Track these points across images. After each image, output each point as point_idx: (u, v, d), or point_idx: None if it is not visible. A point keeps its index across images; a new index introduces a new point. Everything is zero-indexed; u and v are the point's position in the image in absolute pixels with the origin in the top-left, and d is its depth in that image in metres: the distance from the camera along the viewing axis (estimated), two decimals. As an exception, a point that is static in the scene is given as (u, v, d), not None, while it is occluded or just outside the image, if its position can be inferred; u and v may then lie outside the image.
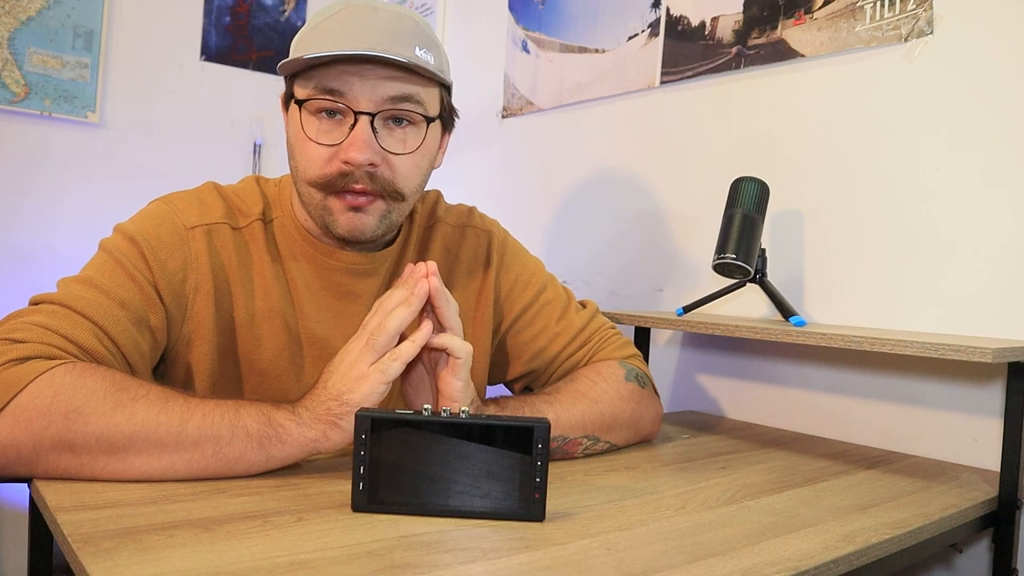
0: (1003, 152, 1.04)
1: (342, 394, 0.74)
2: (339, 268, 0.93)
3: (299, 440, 0.74)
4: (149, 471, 0.70)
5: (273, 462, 0.74)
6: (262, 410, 0.74)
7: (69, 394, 0.68)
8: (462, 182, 1.94)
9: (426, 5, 2.13)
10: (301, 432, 0.74)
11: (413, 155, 0.87)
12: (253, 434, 0.73)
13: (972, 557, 1.06)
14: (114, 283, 0.80)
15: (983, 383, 1.06)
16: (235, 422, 0.72)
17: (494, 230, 1.07)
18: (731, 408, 1.38)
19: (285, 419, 0.74)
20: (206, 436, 0.71)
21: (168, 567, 0.53)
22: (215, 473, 0.72)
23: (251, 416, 0.73)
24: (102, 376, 0.71)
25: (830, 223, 1.23)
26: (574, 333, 1.04)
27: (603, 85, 1.63)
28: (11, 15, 1.76)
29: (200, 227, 0.87)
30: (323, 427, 0.74)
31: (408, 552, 0.59)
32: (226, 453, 0.72)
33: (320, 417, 0.74)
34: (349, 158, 0.82)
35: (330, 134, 0.84)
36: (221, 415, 0.72)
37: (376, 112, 0.83)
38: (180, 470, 0.71)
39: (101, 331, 0.77)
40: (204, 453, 0.71)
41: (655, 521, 0.71)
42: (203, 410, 0.72)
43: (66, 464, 0.68)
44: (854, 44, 1.19)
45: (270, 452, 0.73)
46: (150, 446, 0.69)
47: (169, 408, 0.71)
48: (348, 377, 0.75)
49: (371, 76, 0.82)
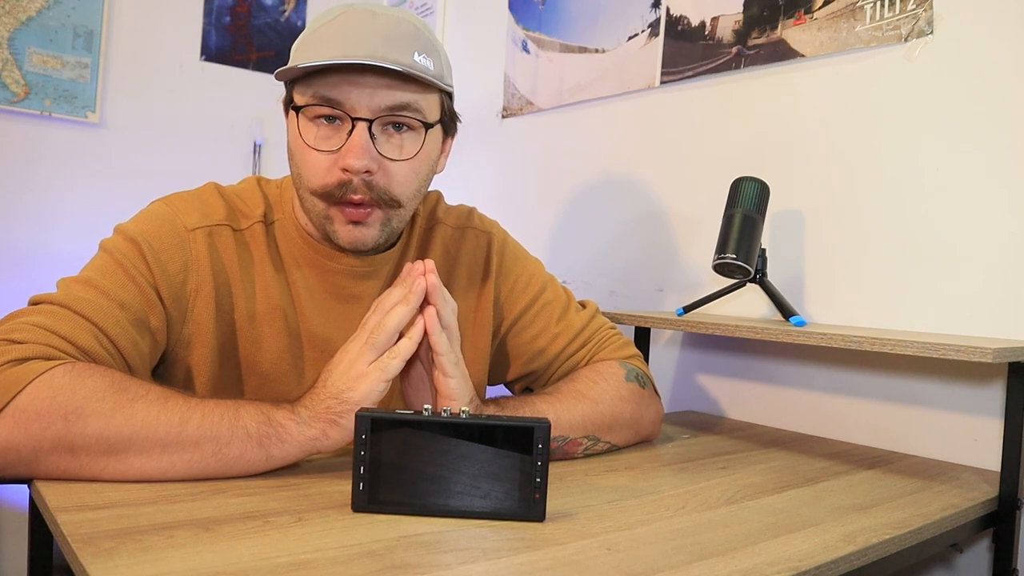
0: (1003, 152, 1.04)
1: (342, 392, 0.74)
2: (340, 271, 0.93)
3: (299, 439, 0.74)
4: (149, 471, 0.70)
5: (273, 461, 0.74)
6: (262, 409, 0.74)
7: (68, 395, 0.68)
8: (462, 182, 1.94)
9: (426, 5, 2.13)
10: (301, 431, 0.74)
11: (411, 161, 0.86)
12: (253, 433, 0.72)
13: (972, 557, 1.06)
14: (114, 284, 0.80)
15: (983, 383, 1.06)
16: (235, 422, 0.72)
17: (494, 231, 1.07)
18: (731, 408, 1.38)
19: (285, 418, 0.74)
20: (206, 436, 0.71)
21: (168, 567, 0.53)
22: (215, 473, 0.72)
23: (251, 415, 0.73)
24: (101, 376, 0.71)
25: (830, 223, 1.23)
26: (574, 333, 1.04)
27: (603, 85, 1.63)
28: (11, 15, 1.76)
29: (201, 229, 0.87)
30: (323, 425, 0.74)
31: (408, 552, 0.59)
32: (226, 453, 0.72)
33: (320, 416, 0.74)
34: (347, 164, 0.82)
35: (328, 140, 0.84)
36: (221, 415, 0.72)
37: (373, 119, 0.83)
38: (180, 470, 0.71)
39: (100, 332, 0.76)
40: (204, 453, 0.71)
41: (655, 521, 0.71)
42: (203, 410, 0.72)
43: (66, 465, 0.68)
44: (854, 44, 1.19)
45: (270, 451, 0.73)
46: (150, 446, 0.69)
47: (169, 408, 0.71)
48: (348, 376, 0.75)
49: (368, 84, 0.82)
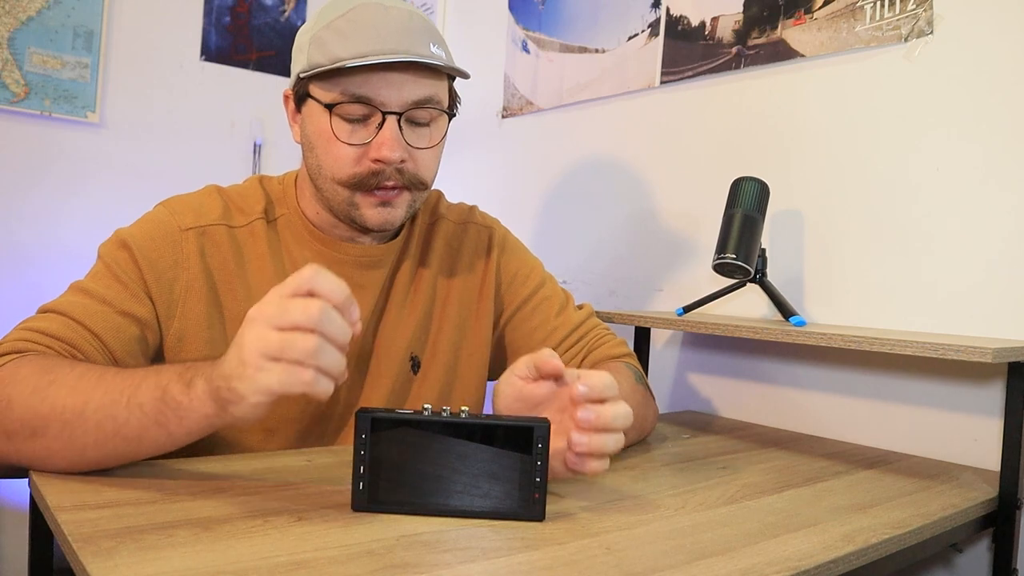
0: (1003, 152, 1.04)
1: (231, 378, 0.62)
2: (346, 261, 0.94)
3: (194, 416, 0.66)
4: (69, 455, 0.69)
5: (177, 439, 0.68)
6: (160, 382, 0.67)
7: (6, 383, 0.70)
8: (462, 182, 1.94)
9: (426, 5, 2.13)
10: (195, 407, 0.65)
11: (435, 148, 0.91)
12: (148, 412, 0.66)
13: (972, 557, 1.06)
14: (101, 286, 0.83)
15: (983, 383, 1.06)
16: (132, 399, 0.67)
17: (495, 227, 1.09)
18: (731, 408, 1.38)
19: (180, 393, 0.66)
20: (106, 416, 0.67)
21: (168, 567, 0.53)
22: (126, 453, 0.69)
23: (148, 391, 0.67)
24: (35, 362, 0.72)
25: (830, 223, 1.23)
26: (571, 328, 1.05)
27: (603, 85, 1.63)
28: (11, 15, 1.76)
29: (194, 229, 0.88)
30: (215, 407, 0.65)
31: (408, 552, 0.59)
32: (126, 433, 0.67)
33: (212, 394, 0.64)
34: (381, 156, 0.85)
35: (357, 134, 0.86)
36: (121, 391, 0.67)
37: (403, 112, 0.86)
38: (92, 454, 0.68)
39: (77, 323, 0.79)
40: (106, 433, 0.67)
41: (655, 521, 0.71)
42: (106, 387, 0.68)
43: (6, 450, 0.70)
44: (854, 44, 1.19)
45: (170, 429, 0.67)
46: (60, 428, 0.68)
47: (78, 388, 0.68)
48: (243, 361, 0.61)
49: (395, 79, 0.85)
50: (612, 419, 0.67)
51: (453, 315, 1.01)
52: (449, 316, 1.01)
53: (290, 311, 0.60)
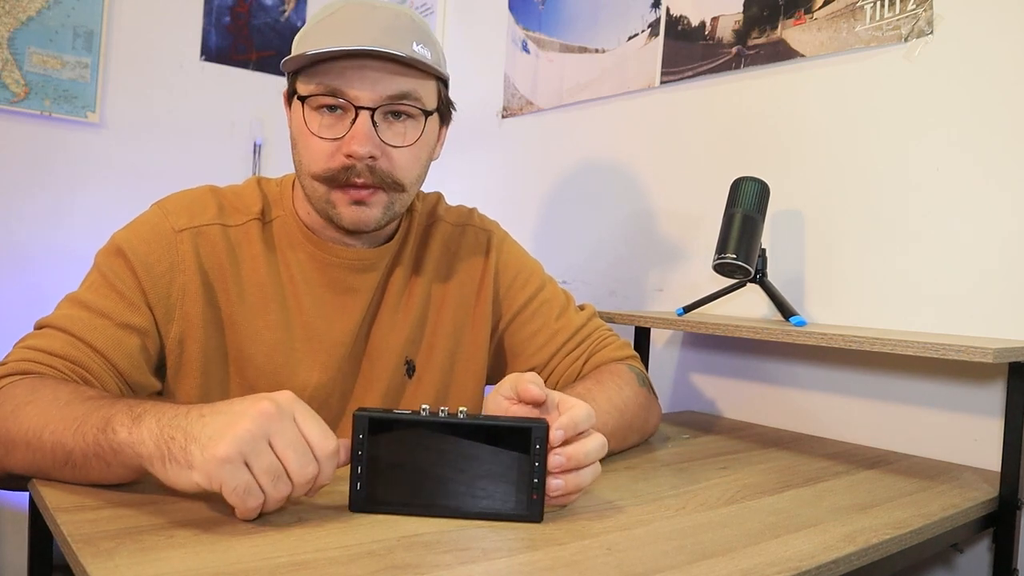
0: (1003, 152, 1.04)
1: (197, 440, 0.59)
2: (339, 263, 0.94)
3: (129, 453, 0.63)
4: (39, 475, 0.70)
5: (119, 474, 0.67)
6: (108, 413, 0.65)
7: (1, 403, 0.72)
8: (462, 182, 1.94)
9: (426, 5, 2.13)
10: (131, 444, 0.62)
11: (412, 148, 0.89)
12: (90, 442, 0.65)
13: (972, 557, 1.06)
14: (98, 297, 0.83)
15: (983, 383, 1.06)
16: (79, 427, 0.66)
17: (494, 230, 1.08)
18: (731, 408, 1.38)
19: (121, 426, 0.63)
20: (56, 442, 0.67)
21: (168, 567, 0.53)
22: (80, 479, 0.68)
23: (95, 420, 0.65)
24: (28, 383, 0.73)
25: (830, 223, 1.23)
26: (573, 331, 1.04)
27: (603, 85, 1.63)
28: (11, 15, 1.76)
29: (188, 230, 0.88)
30: (155, 451, 0.61)
31: (408, 552, 0.59)
32: (74, 461, 0.66)
33: (158, 438, 0.61)
34: (351, 151, 0.84)
35: (332, 128, 0.86)
36: (74, 418, 0.66)
37: (376, 107, 0.85)
38: (57, 477, 0.68)
39: (77, 339, 0.79)
40: (57, 459, 0.67)
41: (655, 521, 0.71)
42: (64, 414, 0.67)
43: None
44: (854, 44, 1.19)
45: (108, 461, 0.65)
46: (25, 450, 0.69)
47: (45, 412, 0.68)
48: (225, 442, 0.58)
49: (371, 72, 0.84)
50: (585, 456, 0.68)
51: (449, 319, 1.01)
52: (445, 320, 1.00)
53: (296, 456, 0.60)
